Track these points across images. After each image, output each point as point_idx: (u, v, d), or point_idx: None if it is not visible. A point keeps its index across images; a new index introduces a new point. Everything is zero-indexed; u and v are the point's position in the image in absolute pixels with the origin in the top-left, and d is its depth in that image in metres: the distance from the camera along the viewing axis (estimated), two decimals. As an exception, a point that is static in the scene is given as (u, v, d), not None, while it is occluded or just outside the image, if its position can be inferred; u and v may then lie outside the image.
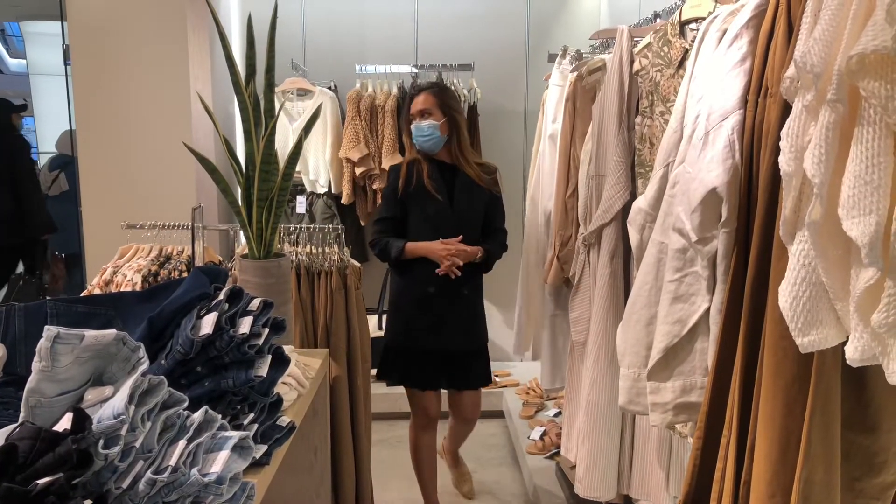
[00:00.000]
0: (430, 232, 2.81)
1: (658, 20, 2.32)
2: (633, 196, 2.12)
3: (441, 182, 2.84)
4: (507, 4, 4.69)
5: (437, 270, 2.76)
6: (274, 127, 1.63)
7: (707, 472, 1.41)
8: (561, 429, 3.01)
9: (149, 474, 0.80)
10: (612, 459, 2.38)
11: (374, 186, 4.20)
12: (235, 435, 0.90)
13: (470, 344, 2.91)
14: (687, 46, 1.83)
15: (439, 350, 2.86)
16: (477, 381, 2.97)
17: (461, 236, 2.78)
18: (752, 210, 1.35)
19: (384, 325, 3.06)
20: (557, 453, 3.18)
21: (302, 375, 1.46)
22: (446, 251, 2.74)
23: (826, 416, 1.17)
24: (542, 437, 3.53)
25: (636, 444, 2.39)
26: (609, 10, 4.52)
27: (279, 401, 1.21)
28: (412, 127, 2.85)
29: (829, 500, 1.19)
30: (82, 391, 0.85)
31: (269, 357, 1.14)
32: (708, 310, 1.48)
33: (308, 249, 2.44)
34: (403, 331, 2.89)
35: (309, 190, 4.34)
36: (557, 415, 3.78)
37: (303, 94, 4.18)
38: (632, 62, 2.13)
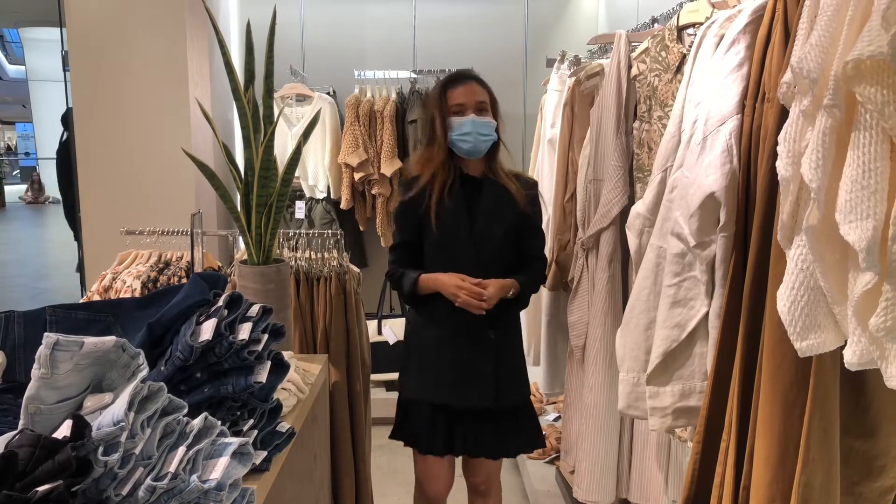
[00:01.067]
0: (444, 262, 2.25)
1: (656, 25, 2.33)
2: (632, 200, 2.12)
3: (461, 199, 2.25)
4: (505, 9, 4.70)
5: (456, 302, 2.17)
6: (273, 133, 1.63)
7: (706, 476, 1.41)
8: (561, 433, 3.01)
9: (148, 481, 0.80)
10: (611, 463, 2.39)
11: (374, 191, 4.21)
12: (235, 441, 0.90)
13: (496, 401, 2.24)
14: (685, 51, 1.83)
15: (455, 407, 2.26)
16: (494, 449, 2.32)
17: (479, 280, 2.18)
18: (749, 214, 1.36)
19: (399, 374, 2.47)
20: (557, 458, 3.18)
21: (301, 381, 1.46)
22: (458, 288, 2.17)
23: (825, 420, 1.17)
24: (541, 442, 3.51)
25: (635, 448, 2.39)
26: (607, 15, 4.53)
27: (279, 406, 1.21)
28: (459, 122, 2.22)
29: (828, 504, 1.19)
30: (82, 398, 0.85)
31: (269, 363, 1.14)
32: (707, 314, 1.48)
33: (307, 255, 2.44)
34: (414, 380, 2.34)
35: (308, 195, 4.34)
36: (557, 419, 3.77)
37: (301, 99, 4.19)
38: (630, 67, 2.13)
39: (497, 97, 2.32)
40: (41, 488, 0.69)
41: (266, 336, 1.15)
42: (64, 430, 0.77)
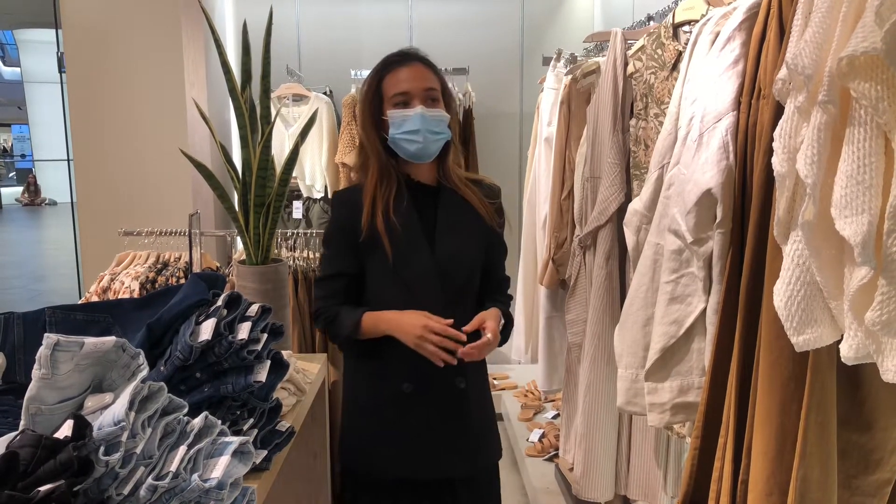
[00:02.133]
0: (399, 294, 1.74)
1: (651, 23, 2.33)
2: (629, 198, 2.13)
3: (414, 215, 1.76)
4: (500, 8, 4.70)
5: (422, 351, 1.67)
6: (270, 133, 1.64)
7: (705, 471, 1.42)
8: (559, 431, 3.02)
9: (150, 480, 0.81)
10: (609, 460, 2.39)
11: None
12: (235, 440, 0.91)
13: (470, 465, 1.81)
14: (680, 49, 1.84)
15: (423, 479, 1.79)
16: None
17: (452, 320, 1.67)
18: (746, 211, 1.36)
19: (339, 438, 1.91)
20: (556, 455, 3.19)
21: (301, 380, 1.46)
22: (426, 331, 1.65)
23: (822, 414, 1.17)
24: (540, 440, 3.53)
25: (633, 444, 2.39)
26: (602, 13, 4.53)
27: (278, 406, 1.21)
28: (403, 116, 1.72)
29: (825, 498, 1.20)
30: (82, 398, 0.85)
31: (268, 362, 1.15)
32: (704, 310, 1.49)
33: (305, 254, 2.45)
34: (363, 451, 1.81)
35: (305, 195, 4.34)
36: (556, 417, 3.78)
37: (298, 99, 4.19)
38: (626, 65, 2.14)
39: (493, 96, 2.02)
40: (43, 488, 0.69)
41: (265, 335, 1.15)
42: (65, 431, 0.77)
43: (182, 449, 0.85)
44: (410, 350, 1.68)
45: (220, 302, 1.12)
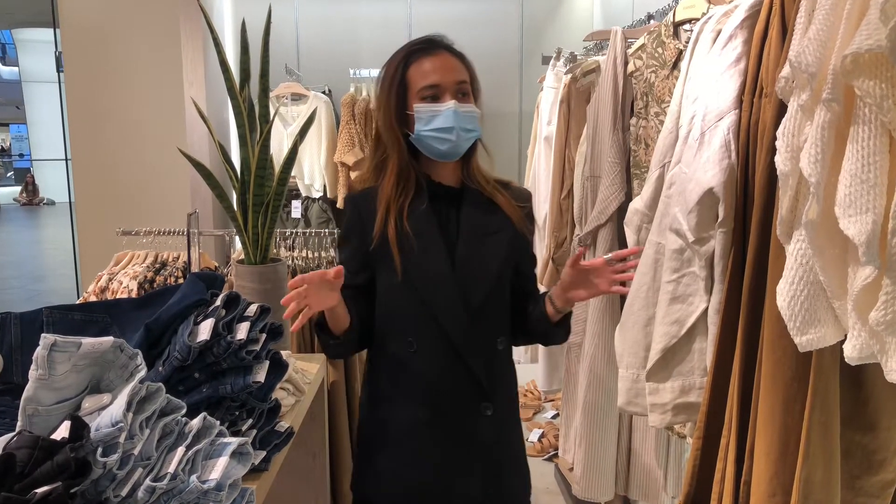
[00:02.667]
0: (412, 311, 1.55)
1: (652, 21, 2.33)
2: (629, 197, 2.12)
3: (433, 221, 1.56)
4: (500, 7, 4.70)
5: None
6: (269, 132, 1.63)
7: (707, 472, 1.41)
8: (559, 430, 3.01)
9: (148, 482, 0.80)
10: (609, 460, 2.39)
11: (370, 190, 4.20)
12: (234, 441, 0.90)
13: (499, 499, 1.62)
14: (681, 47, 1.83)
15: None
16: None
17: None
18: (748, 210, 1.36)
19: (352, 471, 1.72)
20: (556, 455, 3.18)
21: (300, 381, 1.46)
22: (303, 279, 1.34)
23: (825, 414, 1.17)
24: (540, 439, 3.52)
25: (634, 444, 2.39)
26: (602, 11, 4.53)
27: (277, 406, 1.21)
28: (433, 112, 1.53)
29: (829, 498, 1.19)
30: (80, 399, 0.84)
31: (267, 362, 1.14)
32: (706, 310, 1.48)
33: (304, 254, 2.44)
34: (383, 480, 1.59)
35: (304, 194, 4.34)
36: (555, 416, 3.77)
37: (297, 98, 4.18)
38: (626, 63, 2.13)
39: (492, 95, 1.73)
40: (40, 490, 0.68)
41: (264, 335, 1.15)
42: (62, 432, 0.77)
43: (180, 450, 0.84)
44: (429, 365, 1.52)
45: (218, 302, 1.11)
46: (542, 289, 2.87)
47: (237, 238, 1.78)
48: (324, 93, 4.33)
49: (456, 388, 1.54)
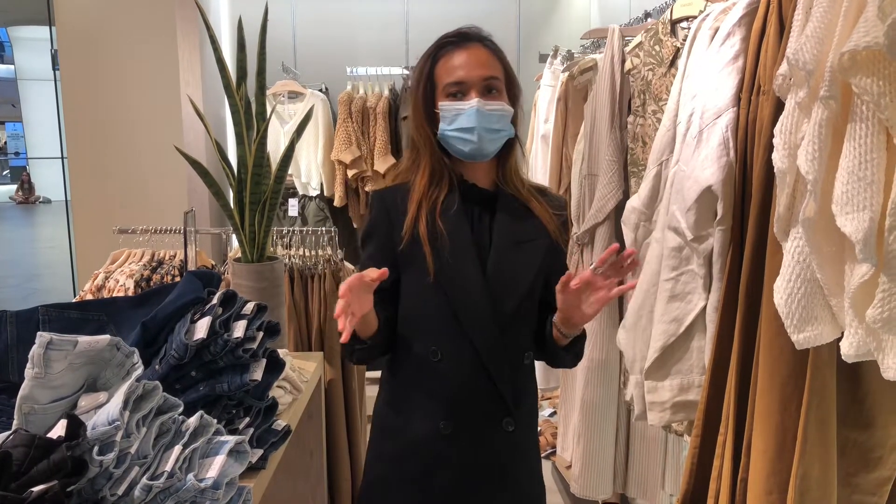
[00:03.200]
0: (439, 315, 1.47)
1: (649, 19, 2.32)
2: (626, 195, 2.12)
3: (464, 224, 1.48)
4: (497, 5, 4.70)
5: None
6: (266, 130, 1.62)
7: (705, 469, 1.41)
8: (557, 429, 3.01)
9: (144, 480, 0.80)
10: (607, 458, 2.39)
11: (367, 188, 4.20)
12: (231, 439, 0.90)
13: None
14: (678, 45, 1.83)
15: None
16: None
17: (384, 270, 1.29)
18: (746, 207, 1.36)
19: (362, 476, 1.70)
20: (554, 453, 3.18)
21: (297, 379, 1.45)
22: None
23: (822, 412, 1.17)
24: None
25: (631, 442, 2.39)
26: (599, 9, 4.53)
27: (274, 404, 1.20)
28: (456, 109, 1.45)
29: (825, 496, 1.19)
30: (76, 397, 0.84)
31: (264, 361, 1.14)
32: (704, 308, 1.48)
33: (301, 252, 2.44)
34: (395, 490, 1.52)
35: (301, 193, 4.33)
36: (553, 414, 3.77)
37: (294, 96, 4.17)
38: (623, 61, 2.13)
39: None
40: (36, 488, 0.68)
41: (261, 334, 1.14)
42: (58, 430, 0.76)
43: (177, 448, 0.84)
44: (453, 375, 1.44)
45: (215, 300, 1.11)
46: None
47: (234, 236, 1.77)
48: (321, 90, 4.32)
49: (479, 401, 1.47)
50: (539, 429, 3.53)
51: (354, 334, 1.38)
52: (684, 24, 1.88)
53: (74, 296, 2.55)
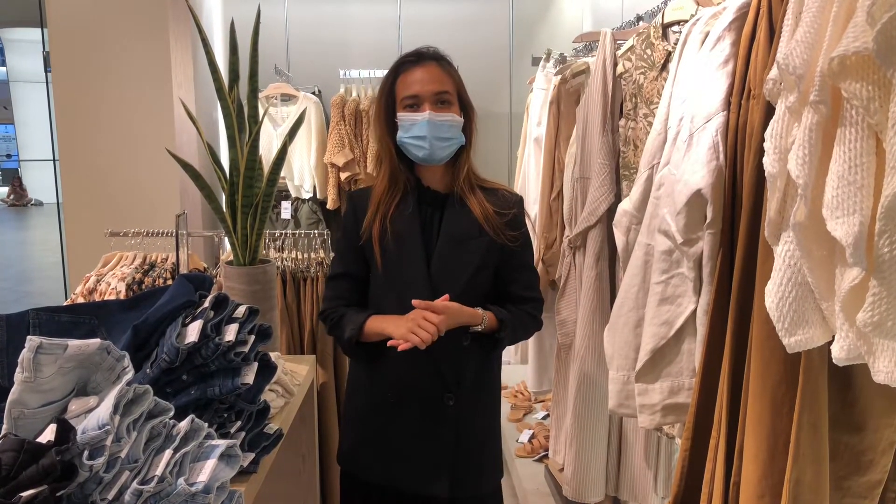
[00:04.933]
0: (390, 306, 1.68)
1: (641, 23, 2.33)
2: (618, 198, 2.12)
3: (416, 224, 1.70)
4: (490, 8, 4.71)
5: (397, 346, 1.54)
6: (258, 133, 1.62)
7: (696, 473, 1.41)
8: (549, 431, 3.02)
9: (135, 485, 0.79)
10: (600, 461, 2.39)
11: (360, 191, 4.20)
12: (222, 443, 0.90)
13: (452, 489, 1.73)
14: (670, 49, 1.83)
15: (406, 492, 1.75)
16: None
17: (447, 295, 1.61)
18: (736, 211, 1.36)
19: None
20: (546, 456, 3.18)
21: (289, 382, 1.45)
22: (413, 322, 1.55)
23: (814, 415, 1.17)
24: (530, 440, 3.52)
25: (624, 445, 2.39)
26: (592, 13, 4.54)
27: (266, 408, 1.20)
28: (411, 120, 1.67)
29: (817, 499, 1.19)
30: (66, 401, 0.84)
31: (256, 364, 1.14)
32: (695, 311, 1.48)
33: (293, 255, 2.44)
34: (352, 452, 1.82)
35: (294, 195, 4.33)
36: (545, 417, 3.78)
37: (287, 99, 4.17)
38: (615, 65, 2.14)
39: (482, 95, 1.87)
40: (25, 493, 0.68)
41: (253, 337, 1.14)
42: (48, 435, 0.76)
43: (168, 452, 0.84)
44: (400, 358, 1.57)
45: (206, 303, 1.10)
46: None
47: (226, 239, 1.77)
48: (313, 93, 4.33)
49: (422, 378, 1.70)
50: (531, 431, 3.53)
51: (364, 345, 1.71)
52: (675, 28, 1.88)
53: (66, 299, 2.54)
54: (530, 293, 1.79)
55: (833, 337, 1.02)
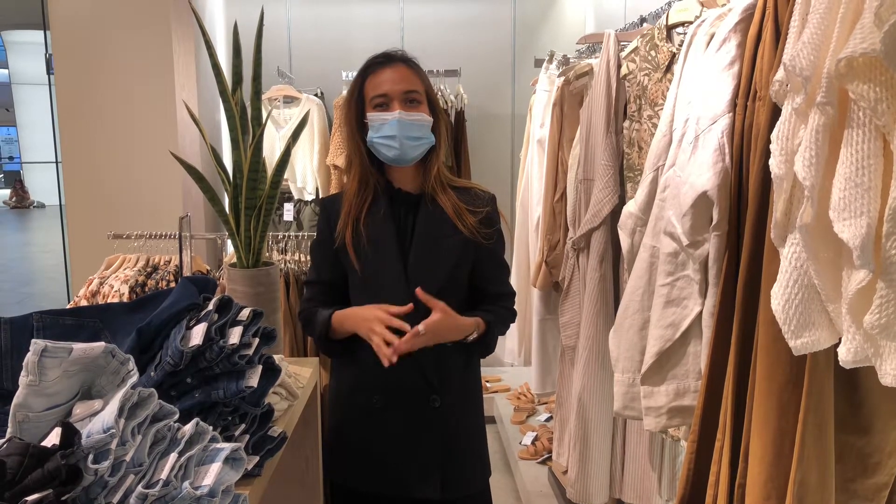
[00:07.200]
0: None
1: (644, 25, 2.33)
2: (622, 200, 2.12)
3: (390, 225, 1.71)
4: (493, 9, 4.71)
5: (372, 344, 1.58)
6: (261, 135, 1.62)
7: (701, 475, 1.41)
8: (553, 433, 3.01)
9: (140, 488, 0.79)
10: (603, 463, 2.38)
11: (362, 193, 4.20)
12: (227, 447, 0.89)
13: (443, 491, 1.73)
14: (674, 50, 1.83)
15: (395, 498, 1.75)
16: None
17: (410, 305, 1.57)
18: (742, 213, 1.36)
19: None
20: (549, 458, 3.18)
21: (292, 385, 1.45)
22: (376, 330, 1.55)
23: (819, 417, 1.17)
24: (533, 443, 3.52)
25: (628, 447, 2.39)
26: (595, 14, 4.53)
27: (270, 411, 1.20)
28: (380, 120, 1.67)
29: (822, 501, 1.19)
30: (71, 405, 0.83)
31: (260, 367, 1.13)
32: (700, 313, 1.48)
33: (297, 257, 2.43)
34: (339, 459, 1.80)
35: (296, 197, 4.33)
36: (549, 419, 3.77)
37: (289, 101, 4.17)
38: (619, 66, 2.13)
39: (485, 97, 1.85)
40: (30, 497, 0.68)
41: (257, 340, 1.14)
42: (53, 438, 0.76)
43: (173, 456, 0.83)
44: (380, 362, 1.56)
45: (210, 306, 1.10)
46: (535, 291, 2.87)
47: (229, 242, 1.77)
48: (316, 95, 4.32)
49: (406, 380, 1.69)
50: (535, 434, 3.53)
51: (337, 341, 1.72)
52: (680, 30, 1.88)
53: (69, 301, 2.54)
54: (506, 288, 1.83)
55: (839, 339, 1.02)
